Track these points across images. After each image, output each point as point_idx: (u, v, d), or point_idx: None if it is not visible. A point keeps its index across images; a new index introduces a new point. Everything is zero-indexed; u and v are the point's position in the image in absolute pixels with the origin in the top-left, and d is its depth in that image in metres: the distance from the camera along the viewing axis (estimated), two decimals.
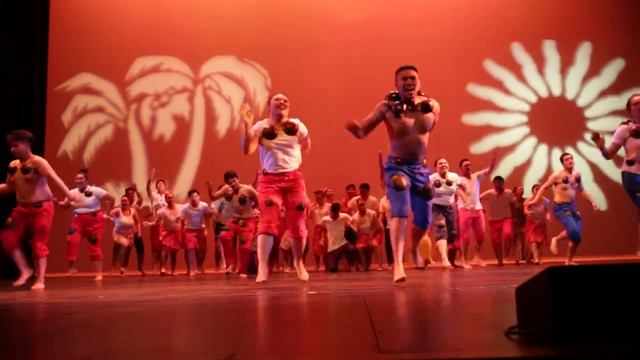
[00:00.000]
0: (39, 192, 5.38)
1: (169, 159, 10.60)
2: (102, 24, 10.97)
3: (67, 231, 7.45)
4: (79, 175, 7.58)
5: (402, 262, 3.88)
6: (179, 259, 9.06)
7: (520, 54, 11.08)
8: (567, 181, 6.98)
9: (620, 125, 5.44)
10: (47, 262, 5.57)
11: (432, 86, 10.35)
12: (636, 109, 5.29)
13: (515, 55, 11.08)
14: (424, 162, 3.98)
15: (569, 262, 6.78)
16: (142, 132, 10.87)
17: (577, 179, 7.04)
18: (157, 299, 3.47)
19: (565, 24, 10.97)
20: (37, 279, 5.44)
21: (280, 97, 4.54)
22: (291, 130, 4.46)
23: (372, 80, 10.05)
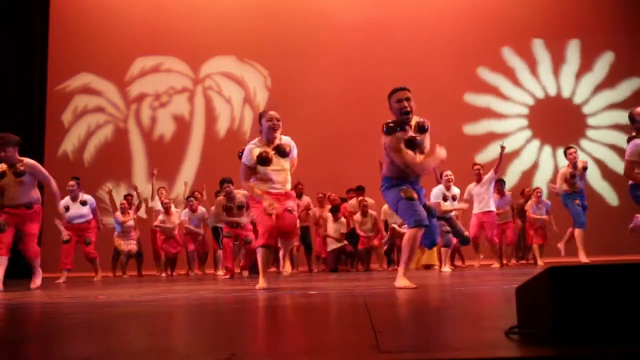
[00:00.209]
0: (30, 194, 5.30)
1: (169, 159, 10.60)
2: (102, 24, 10.97)
3: (63, 241, 7.29)
4: (70, 182, 7.40)
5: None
6: (179, 259, 9.06)
7: (511, 57, 11.06)
8: (574, 176, 7.20)
9: (632, 141, 5.11)
10: (47, 263, 5.57)
11: (432, 85, 10.41)
12: None
13: (506, 59, 11.06)
14: (419, 183, 3.84)
15: (584, 259, 6.91)
16: (142, 132, 10.87)
17: (584, 168, 7.26)
18: (157, 299, 3.47)
19: (552, 22, 10.94)
20: (34, 276, 5.45)
21: (272, 117, 4.24)
22: (284, 153, 4.28)
23: (372, 80, 10.05)
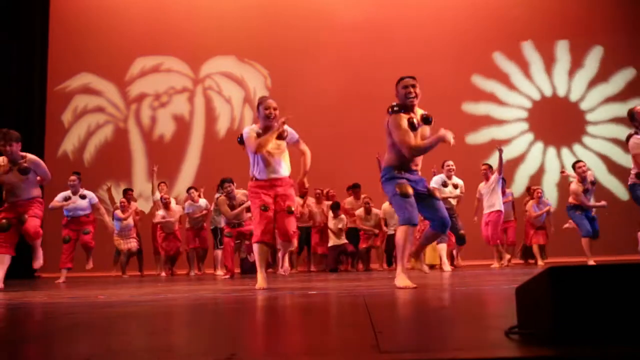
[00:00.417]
0: (32, 189, 5.35)
1: (169, 159, 10.59)
2: (102, 24, 10.97)
3: (63, 240, 7.27)
4: (72, 177, 7.39)
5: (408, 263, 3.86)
6: (179, 259, 9.08)
7: (530, 51, 11.01)
8: (587, 191, 7.14)
9: (632, 137, 5.23)
10: (46, 263, 5.61)
11: (432, 85, 10.41)
12: None
13: (525, 52, 11.00)
14: (419, 173, 3.96)
15: (590, 261, 6.88)
16: (142, 132, 10.87)
17: (593, 182, 7.21)
18: (157, 299, 3.47)
19: (578, 26, 10.85)
20: (35, 256, 5.49)
21: (269, 106, 4.27)
22: (281, 135, 4.29)
23: (372, 80, 10.05)
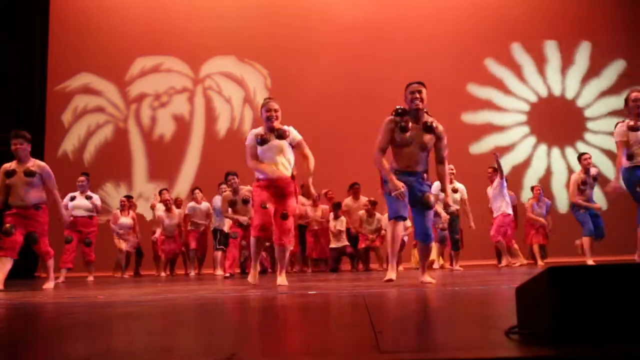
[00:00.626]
0: (38, 195, 5.32)
1: (169, 159, 10.60)
2: (102, 24, 10.97)
3: (65, 240, 7.26)
4: (81, 177, 7.54)
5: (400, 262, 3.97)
6: (179, 259, 9.13)
7: (520, 54, 11.06)
8: (585, 183, 7.08)
9: (617, 125, 5.48)
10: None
11: (432, 86, 10.41)
12: (635, 105, 5.31)
13: (515, 55, 11.06)
14: (424, 176, 4.11)
15: (589, 261, 6.85)
16: (142, 132, 10.87)
17: (595, 178, 7.16)
18: (157, 299, 3.47)
19: (565, 24, 10.94)
20: (47, 278, 5.52)
21: (270, 109, 4.43)
22: (282, 135, 4.42)
23: (372, 80, 10.06)
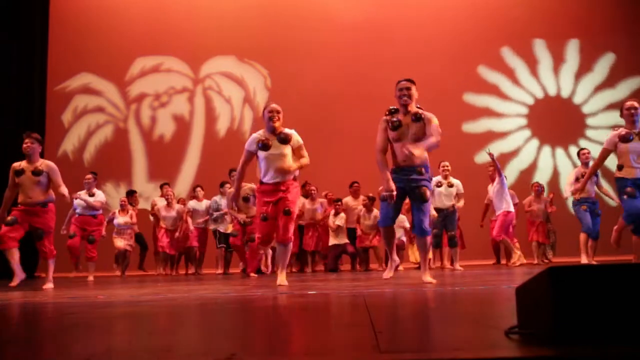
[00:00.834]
0: (45, 193, 5.44)
1: (169, 159, 10.60)
2: (102, 24, 10.96)
3: (69, 236, 7.49)
4: (88, 176, 7.76)
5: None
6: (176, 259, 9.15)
7: (510, 57, 11.04)
8: (584, 176, 7.04)
9: (611, 130, 5.51)
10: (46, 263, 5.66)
11: (432, 85, 10.41)
12: (628, 113, 5.34)
13: (506, 58, 11.03)
14: (421, 171, 4.24)
15: (591, 260, 6.81)
16: (142, 132, 10.87)
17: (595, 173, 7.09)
18: (157, 299, 3.47)
19: (551, 22, 10.92)
20: (47, 279, 5.54)
21: (272, 109, 4.52)
22: (285, 139, 4.47)
23: (372, 80, 10.05)
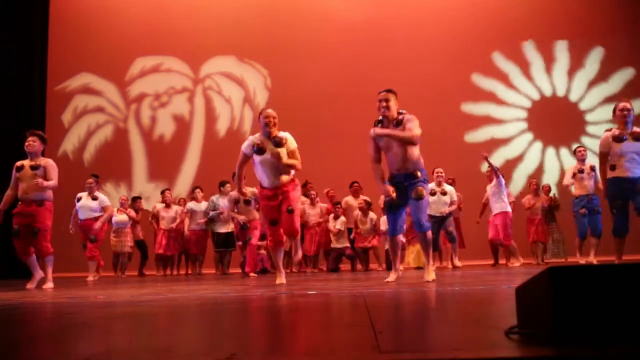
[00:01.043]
0: (42, 191, 5.45)
1: (169, 159, 10.60)
2: (102, 24, 10.97)
3: (89, 239, 7.61)
4: (89, 180, 7.79)
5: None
6: (176, 259, 9.15)
7: (502, 61, 11.02)
8: (582, 171, 7.10)
9: (604, 133, 5.49)
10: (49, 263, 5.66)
11: (432, 85, 10.42)
12: (620, 114, 5.33)
13: (498, 63, 11.02)
14: (417, 174, 4.34)
15: (593, 260, 6.83)
16: (142, 132, 10.87)
17: (592, 168, 7.12)
18: (157, 299, 3.47)
19: (580, 26, 10.85)
20: (46, 278, 5.56)
21: (268, 115, 4.64)
22: (279, 143, 4.61)
23: (372, 80, 10.02)
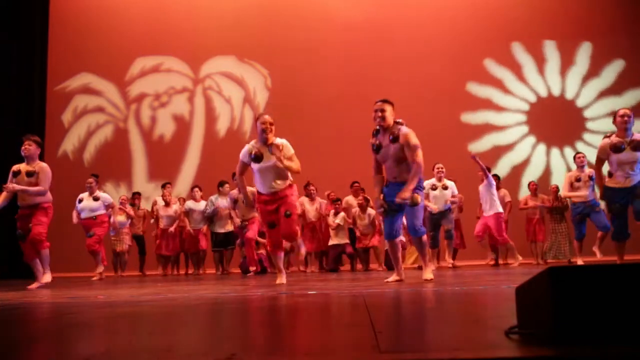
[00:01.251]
0: (38, 195, 5.43)
1: (169, 159, 10.60)
2: (102, 24, 10.97)
3: (87, 235, 7.67)
4: (89, 179, 7.78)
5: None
6: (180, 259, 9.13)
7: (520, 53, 11.05)
8: (579, 180, 7.08)
9: (602, 139, 5.46)
10: (50, 263, 5.67)
11: (432, 86, 10.42)
12: (621, 121, 5.29)
13: (515, 55, 11.05)
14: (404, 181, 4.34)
15: (598, 252, 6.90)
16: (142, 132, 10.87)
17: (590, 177, 7.09)
18: (157, 299, 3.47)
19: (565, 24, 10.93)
20: (43, 271, 5.58)
21: (265, 121, 4.59)
22: (276, 150, 4.57)
23: (372, 80, 10.06)
